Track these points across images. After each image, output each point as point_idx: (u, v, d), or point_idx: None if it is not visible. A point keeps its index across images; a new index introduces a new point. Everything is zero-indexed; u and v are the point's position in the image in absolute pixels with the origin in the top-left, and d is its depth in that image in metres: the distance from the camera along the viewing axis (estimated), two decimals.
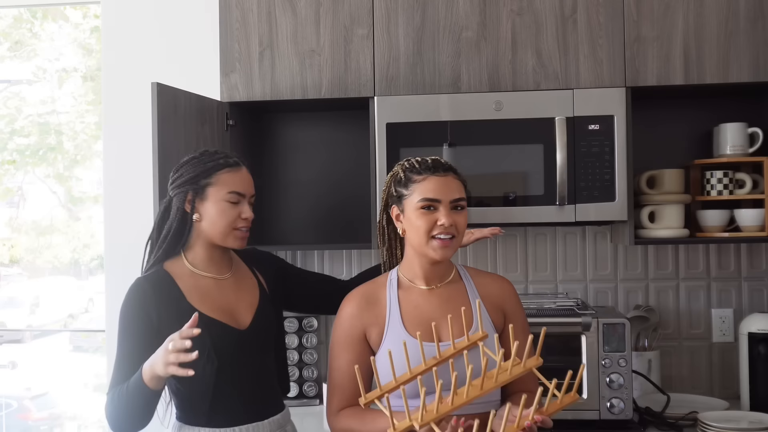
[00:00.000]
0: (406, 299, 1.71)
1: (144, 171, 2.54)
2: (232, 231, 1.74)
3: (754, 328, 2.33)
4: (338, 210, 2.66)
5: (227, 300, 1.76)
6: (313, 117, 2.70)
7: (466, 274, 1.77)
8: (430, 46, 2.34)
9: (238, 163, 1.78)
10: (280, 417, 1.79)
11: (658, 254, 2.60)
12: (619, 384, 2.17)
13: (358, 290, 1.76)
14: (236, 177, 1.75)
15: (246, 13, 2.41)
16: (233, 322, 1.73)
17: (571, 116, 2.20)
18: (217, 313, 1.72)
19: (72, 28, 6.07)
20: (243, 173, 1.77)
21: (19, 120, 6.21)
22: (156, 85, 2.05)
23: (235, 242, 1.75)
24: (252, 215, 1.77)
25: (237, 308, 1.76)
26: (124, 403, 1.61)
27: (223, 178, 1.74)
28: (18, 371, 6.71)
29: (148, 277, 1.76)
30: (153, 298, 1.70)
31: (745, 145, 2.36)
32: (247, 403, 1.74)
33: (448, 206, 1.65)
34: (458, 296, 1.71)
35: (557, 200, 2.19)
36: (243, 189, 1.75)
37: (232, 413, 1.72)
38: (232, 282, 1.79)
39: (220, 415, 1.71)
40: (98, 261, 7.68)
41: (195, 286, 1.74)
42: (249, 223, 1.76)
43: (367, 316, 1.70)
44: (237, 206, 1.74)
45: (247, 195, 1.77)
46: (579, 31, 2.29)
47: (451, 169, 1.70)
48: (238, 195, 1.74)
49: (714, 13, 2.25)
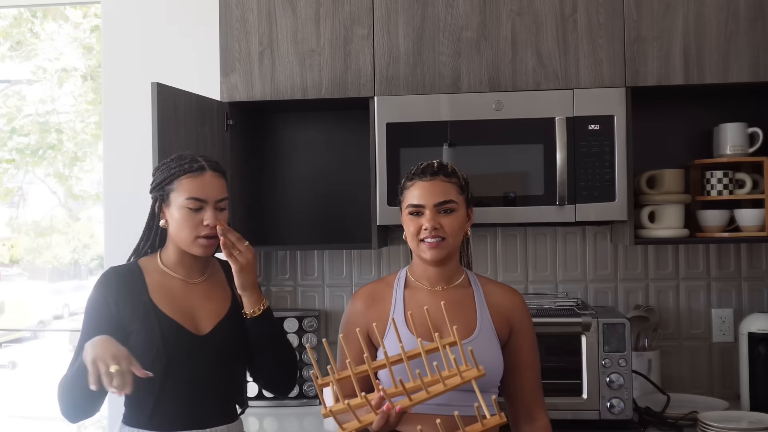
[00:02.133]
0: (412, 298, 1.72)
1: (144, 171, 2.53)
2: (195, 239, 1.70)
3: (754, 328, 2.33)
4: (338, 210, 2.66)
5: (190, 303, 1.74)
6: (313, 117, 2.70)
7: (476, 281, 1.78)
8: (430, 46, 2.34)
9: (203, 167, 1.71)
10: (225, 428, 1.73)
11: (658, 254, 2.60)
12: (619, 384, 2.17)
13: (366, 288, 1.80)
14: (196, 183, 1.69)
15: (246, 13, 2.41)
16: (191, 326, 1.71)
17: (571, 116, 2.20)
18: (176, 314, 1.71)
19: (72, 28, 6.07)
20: (205, 178, 1.70)
21: (19, 119, 6.21)
22: (156, 85, 2.05)
23: (199, 250, 1.71)
24: (216, 222, 1.68)
25: (199, 314, 1.74)
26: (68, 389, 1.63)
27: (184, 184, 1.70)
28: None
29: (117, 268, 1.77)
30: (115, 288, 1.71)
31: (745, 145, 2.36)
32: (189, 409, 1.69)
33: (433, 210, 1.68)
34: (464, 300, 1.72)
35: (557, 200, 2.19)
36: (203, 194, 1.69)
37: (171, 418, 1.69)
38: (202, 288, 1.77)
39: (159, 418, 1.68)
40: (98, 261, 7.69)
41: (161, 283, 1.74)
42: (213, 230, 1.69)
43: (371, 313, 1.73)
44: (198, 213, 1.69)
45: (210, 200, 1.69)
46: (579, 31, 2.29)
47: (440, 171, 1.71)
48: (197, 201, 1.68)
49: (714, 13, 2.25)
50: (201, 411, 1.70)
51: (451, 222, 1.68)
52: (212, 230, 1.69)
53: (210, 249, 1.72)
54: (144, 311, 1.68)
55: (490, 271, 2.63)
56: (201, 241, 1.70)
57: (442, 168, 1.72)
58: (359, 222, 2.55)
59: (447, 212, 1.68)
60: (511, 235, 2.64)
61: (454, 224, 1.68)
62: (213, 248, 1.73)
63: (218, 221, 1.69)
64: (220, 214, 1.71)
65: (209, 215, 1.69)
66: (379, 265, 2.69)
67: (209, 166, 1.72)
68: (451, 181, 1.70)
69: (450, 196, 1.69)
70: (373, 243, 2.32)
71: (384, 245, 2.48)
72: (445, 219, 1.68)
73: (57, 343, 7.91)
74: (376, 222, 2.28)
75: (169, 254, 1.77)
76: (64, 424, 6.33)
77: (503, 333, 1.72)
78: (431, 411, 1.59)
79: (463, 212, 1.72)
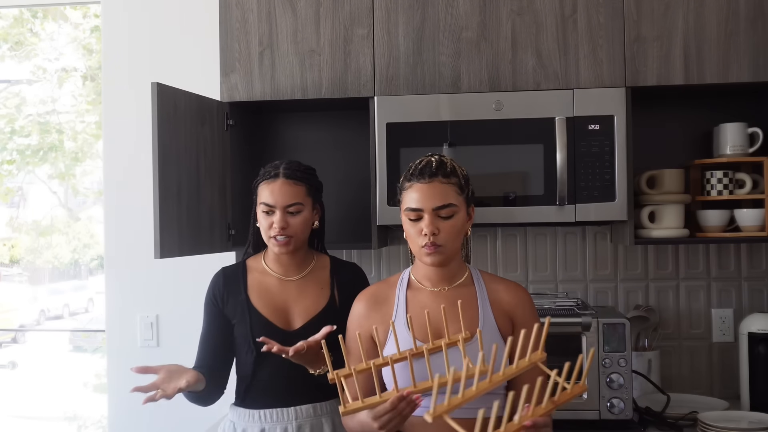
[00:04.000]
0: (414, 300, 1.71)
1: (144, 171, 2.55)
2: (269, 239, 1.91)
3: (754, 328, 2.33)
4: (338, 210, 2.66)
5: (284, 300, 1.94)
6: (313, 117, 2.70)
7: (479, 279, 1.74)
8: (430, 46, 2.34)
9: (277, 175, 1.91)
10: (310, 407, 1.92)
11: (658, 254, 2.60)
12: (619, 384, 2.17)
13: (369, 289, 1.79)
14: (268, 189, 1.90)
15: (246, 13, 2.41)
16: (281, 322, 1.91)
17: (571, 116, 2.20)
18: (268, 310, 1.92)
19: (72, 28, 6.07)
20: (276, 185, 1.90)
21: (19, 120, 6.21)
22: (156, 85, 2.05)
23: (275, 248, 1.91)
24: (284, 224, 1.87)
25: (291, 310, 1.93)
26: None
27: (261, 189, 1.93)
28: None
29: (227, 267, 2.02)
30: (222, 286, 1.97)
31: (745, 145, 2.36)
32: (276, 393, 1.92)
33: (432, 214, 1.64)
34: (466, 300, 1.68)
35: (557, 200, 2.19)
36: (271, 200, 1.89)
37: (261, 399, 1.93)
38: (298, 285, 1.95)
39: (252, 399, 1.94)
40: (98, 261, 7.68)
41: (260, 281, 1.96)
42: (281, 232, 1.88)
43: (374, 315, 1.72)
44: (269, 216, 1.90)
45: (279, 205, 1.89)
46: (579, 31, 2.29)
47: (438, 172, 1.66)
48: (267, 206, 1.90)
49: (714, 13, 2.25)
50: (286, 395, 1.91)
51: (449, 227, 1.64)
52: (281, 231, 1.88)
53: (284, 248, 1.90)
54: (241, 308, 1.93)
55: (490, 271, 2.63)
56: (272, 242, 1.91)
57: (441, 167, 1.67)
58: (359, 222, 2.55)
59: (446, 218, 1.64)
60: (511, 235, 2.64)
61: (453, 229, 1.65)
62: (288, 247, 1.90)
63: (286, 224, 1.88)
64: (292, 217, 1.90)
65: (277, 218, 1.88)
66: (379, 265, 2.69)
67: (284, 174, 1.91)
68: (450, 182, 1.66)
69: (449, 199, 1.65)
70: (373, 243, 2.32)
71: (384, 245, 2.48)
72: (444, 224, 1.64)
73: (57, 343, 7.91)
74: (376, 222, 2.28)
75: (268, 253, 1.99)
76: (64, 424, 6.33)
77: (506, 330, 1.68)
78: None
79: (463, 214, 1.68)
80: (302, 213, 1.91)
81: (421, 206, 1.65)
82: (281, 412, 1.91)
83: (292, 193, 1.90)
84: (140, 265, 2.73)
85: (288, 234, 1.89)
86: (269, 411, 1.92)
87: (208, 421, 2.40)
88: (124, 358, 2.78)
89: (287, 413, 1.91)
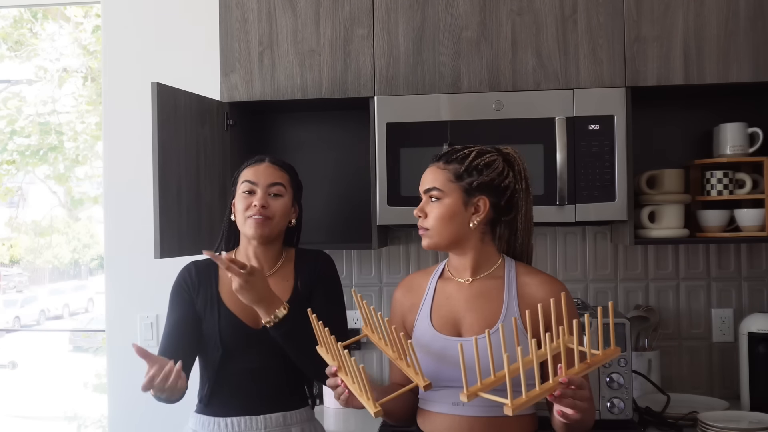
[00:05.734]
0: (442, 290, 1.69)
1: (144, 171, 2.54)
2: (246, 219, 1.83)
3: (754, 328, 2.33)
4: (338, 210, 2.66)
5: None
6: (313, 117, 2.70)
7: (511, 271, 1.66)
8: (430, 46, 2.34)
9: (262, 159, 1.89)
10: (280, 416, 1.82)
11: (658, 254, 2.60)
12: (619, 384, 2.17)
13: (408, 277, 1.80)
14: (252, 170, 1.87)
15: (246, 13, 2.41)
16: (249, 319, 1.82)
17: (571, 116, 2.20)
18: (238, 308, 1.83)
19: (72, 28, 6.07)
20: (262, 167, 1.87)
21: (19, 120, 6.21)
22: (156, 85, 2.05)
23: (251, 230, 1.83)
24: (264, 202, 1.82)
25: None
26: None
27: (243, 174, 1.88)
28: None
29: (198, 261, 1.94)
30: (195, 277, 1.90)
31: (745, 145, 2.36)
32: (244, 398, 1.82)
33: (424, 196, 1.66)
34: (490, 293, 1.64)
35: (557, 200, 2.19)
36: (255, 178, 1.84)
37: (226, 405, 1.82)
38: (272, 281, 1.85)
39: (216, 404, 1.83)
40: (98, 261, 7.69)
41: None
42: (260, 210, 1.81)
43: (406, 302, 1.72)
44: (250, 196, 1.84)
45: (261, 183, 1.84)
46: (579, 31, 2.29)
47: (441, 158, 1.66)
48: (250, 183, 1.84)
49: (714, 13, 2.25)
50: (255, 400, 1.82)
51: (434, 211, 1.63)
52: (260, 211, 1.81)
53: (259, 229, 1.82)
54: (211, 303, 1.86)
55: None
56: (251, 221, 1.82)
57: (449, 153, 1.65)
58: (359, 222, 2.55)
59: (434, 200, 1.63)
60: None
61: (438, 213, 1.62)
62: (264, 229, 1.82)
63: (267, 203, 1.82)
64: (273, 199, 1.84)
65: (258, 197, 1.82)
66: (379, 265, 2.69)
67: (269, 159, 1.90)
68: (446, 168, 1.64)
69: (435, 183, 1.63)
70: (373, 243, 2.32)
71: (384, 245, 2.48)
72: (431, 206, 1.63)
73: (57, 343, 7.91)
74: (376, 222, 2.28)
75: (240, 250, 1.90)
76: (64, 424, 6.33)
77: (535, 324, 1.54)
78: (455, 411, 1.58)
79: (453, 201, 1.62)
80: (283, 198, 1.85)
81: (420, 188, 1.68)
82: (249, 420, 1.80)
83: (276, 175, 1.86)
84: (140, 265, 2.73)
85: (266, 215, 1.81)
86: (236, 419, 1.80)
87: None
88: (124, 358, 2.78)
89: (255, 421, 1.80)
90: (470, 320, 1.61)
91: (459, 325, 1.62)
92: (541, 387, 1.34)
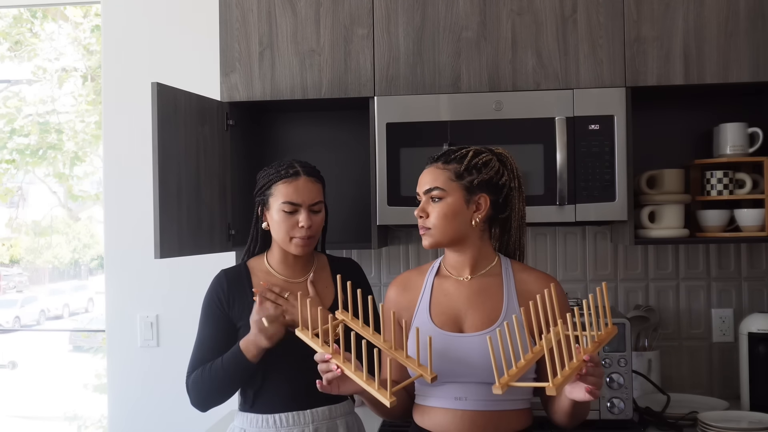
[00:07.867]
0: (439, 288, 1.70)
1: (144, 171, 2.55)
2: (290, 239, 1.86)
3: (754, 328, 2.33)
4: (338, 210, 2.66)
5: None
6: (313, 117, 2.70)
7: (508, 269, 1.70)
8: (430, 46, 2.34)
9: (298, 173, 1.87)
10: (326, 409, 1.89)
11: (658, 254, 2.60)
12: (619, 384, 2.17)
13: (402, 275, 1.80)
14: (291, 187, 1.85)
15: (246, 13, 2.41)
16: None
17: (571, 116, 2.21)
18: None
19: (72, 28, 6.07)
20: (299, 183, 1.86)
21: (19, 120, 6.21)
22: (156, 85, 2.05)
23: (296, 249, 1.87)
24: (311, 222, 1.84)
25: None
26: (218, 377, 1.82)
27: (280, 189, 1.86)
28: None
29: (228, 269, 1.95)
30: (226, 288, 1.91)
31: (745, 145, 2.36)
32: (290, 393, 1.87)
33: (425, 197, 1.66)
34: (490, 290, 1.66)
35: (557, 200, 2.19)
36: (297, 199, 1.84)
37: (273, 402, 1.87)
38: (303, 286, 1.91)
39: (263, 402, 1.88)
40: (98, 261, 7.69)
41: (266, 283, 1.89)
42: (307, 231, 1.84)
43: (402, 301, 1.72)
44: (293, 216, 1.85)
45: (304, 204, 1.85)
46: (579, 31, 2.29)
47: (440, 158, 1.67)
48: (292, 205, 1.85)
49: (714, 13, 2.25)
50: (302, 395, 1.87)
51: (436, 210, 1.64)
52: (307, 231, 1.85)
53: (306, 248, 1.87)
54: (249, 311, 1.85)
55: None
56: (296, 241, 1.86)
57: (447, 153, 1.67)
58: (359, 222, 2.55)
59: (435, 200, 1.64)
60: None
61: (440, 212, 1.63)
62: (309, 247, 1.88)
63: (312, 222, 1.85)
64: (315, 216, 1.87)
65: (303, 217, 1.84)
66: (379, 265, 2.69)
67: (304, 172, 1.88)
68: (446, 168, 1.65)
69: (436, 183, 1.64)
70: (373, 243, 2.32)
71: (384, 245, 2.48)
72: (432, 207, 1.65)
73: (57, 343, 7.91)
74: (376, 222, 2.28)
75: (273, 255, 1.93)
76: (65, 424, 6.33)
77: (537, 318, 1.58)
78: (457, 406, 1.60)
79: (455, 200, 1.63)
80: (322, 212, 1.90)
81: (418, 190, 1.69)
82: (297, 415, 1.86)
83: (315, 191, 1.88)
84: (140, 265, 2.73)
85: (311, 234, 1.86)
86: (284, 415, 1.86)
87: (208, 422, 2.41)
88: (124, 358, 2.78)
89: (303, 416, 1.86)
90: (472, 317, 1.62)
91: (460, 322, 1.63)
92: (570, 365, 1.43)
